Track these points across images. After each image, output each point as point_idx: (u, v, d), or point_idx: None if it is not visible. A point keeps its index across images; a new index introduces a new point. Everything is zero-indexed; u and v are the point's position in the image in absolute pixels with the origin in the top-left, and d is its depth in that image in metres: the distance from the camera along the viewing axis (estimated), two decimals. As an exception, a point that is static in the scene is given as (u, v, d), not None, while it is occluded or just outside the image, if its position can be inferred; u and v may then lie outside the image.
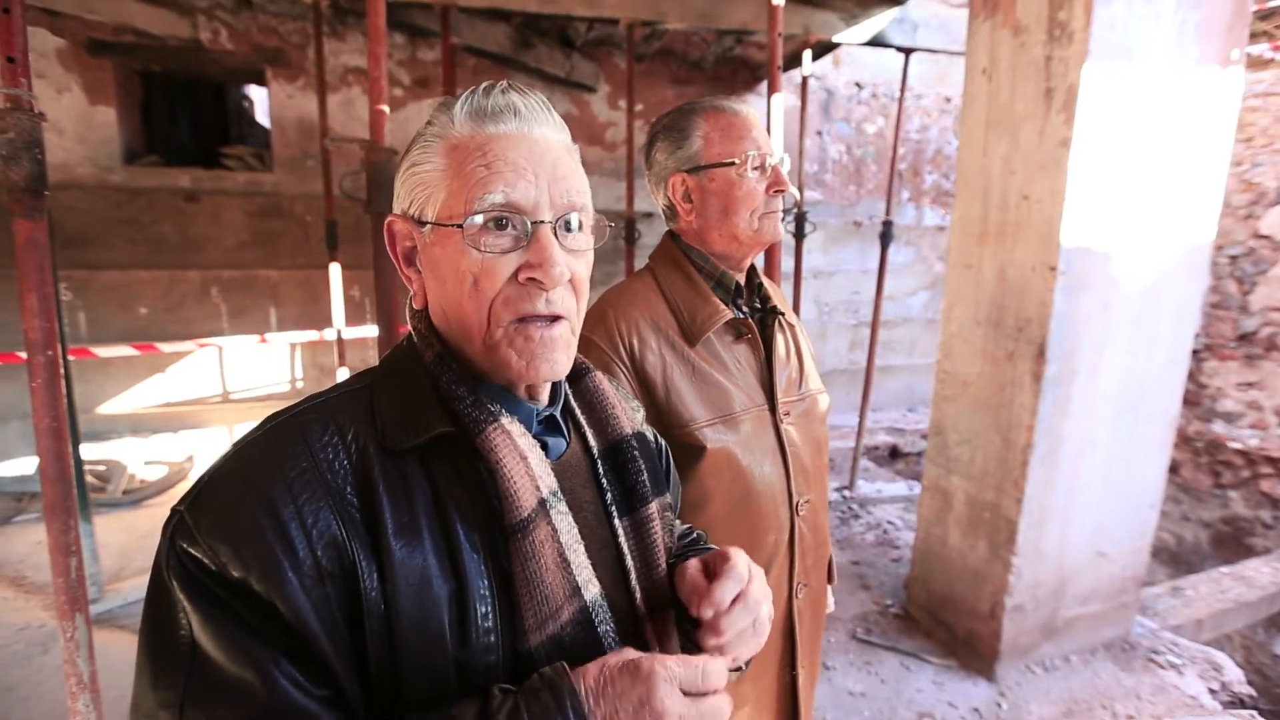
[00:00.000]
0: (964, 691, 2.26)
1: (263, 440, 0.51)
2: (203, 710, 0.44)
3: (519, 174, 0.52)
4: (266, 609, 0.45)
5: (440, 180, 0.53)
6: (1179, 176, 2.17)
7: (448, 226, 0.53)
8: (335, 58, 4.16)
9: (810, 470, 1.03)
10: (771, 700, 1.03)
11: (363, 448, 0.51)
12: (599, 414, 0.66)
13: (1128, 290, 2.19)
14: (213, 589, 0.45)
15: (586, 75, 4.68)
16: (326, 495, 0.48)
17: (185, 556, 0.46)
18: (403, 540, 0.49)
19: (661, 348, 0.95)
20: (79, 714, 1.36)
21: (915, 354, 6.07)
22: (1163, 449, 2.46)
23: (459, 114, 0.54)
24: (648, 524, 0.62)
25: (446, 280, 0.54)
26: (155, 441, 4.17)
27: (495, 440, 0.53)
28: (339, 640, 0.47)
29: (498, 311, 0.53)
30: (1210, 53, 2.12)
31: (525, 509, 0.52)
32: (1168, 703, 2.19)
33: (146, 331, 4.03)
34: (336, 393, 0.56)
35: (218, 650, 0.44)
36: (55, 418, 1.30)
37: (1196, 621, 2.95)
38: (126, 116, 4.07)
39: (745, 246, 1.00)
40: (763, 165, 0.97)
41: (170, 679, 0.45)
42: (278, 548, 0.45)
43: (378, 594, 0.47)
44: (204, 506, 0.47)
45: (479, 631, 0.50)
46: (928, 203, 5.96)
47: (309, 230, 4.27)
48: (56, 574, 1.32)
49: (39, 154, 1.23)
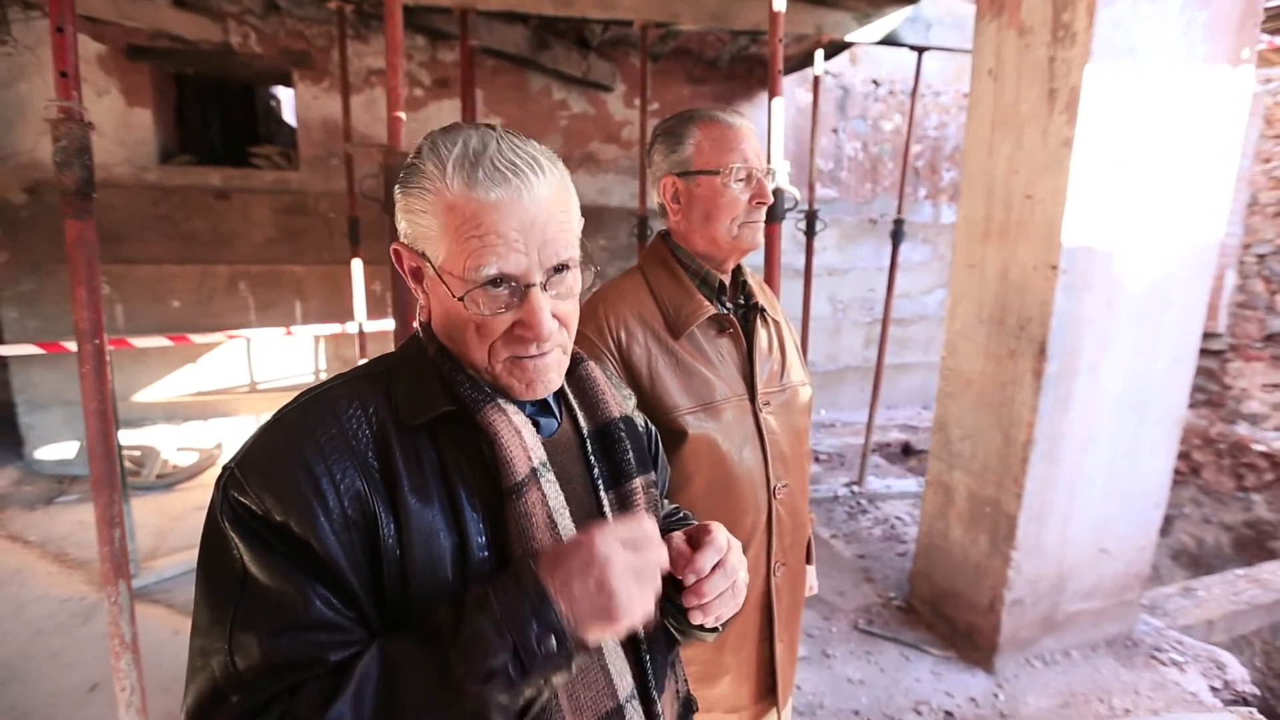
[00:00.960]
0: (962, 682, 2.30)
1: (299, 410, 0.60)
2: (251, 624, 0.53)
3: (510, 247, 0.57)
4: (303, 546, 0.54)
5: (439, 237, 0.59)
6: (1186, 176, 2.18)
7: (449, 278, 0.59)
8: (359, 60, 4.28)
9: (789, 457, 1.10)
10: (751, 670, 1.10)
11: (382, 421, 0.60)
12: (590, 399, 0.74)
13: (1131, 290, 2.20)
14: (259, 530, 0.54)
15: (603, 75, 4.74)
16: (352, 457, 0.57)
17: (236, 504, 0.55)
18: (416, 497, 0.58)
19: (648, 340, 1.03)
20: (122, 671, 1.49)
21: (931, 351, 6.04)
22: (1168, 448, 2.46)
23: (451, 173, 0.57)
24: (631, 497, 0.70)
25: (450, 316, 0.62)
26: (187, 429, 4.36)
27: (492, 416, 0.61)
28: (362, 577, 0.56)
29: (497, 350, 0.61)
30: (1219, 51, 2.12)
31: (520, 474, 0.60)
32: (1166, 699, 2.21)
33: (179, 323, 4.21)
34: (358, 374, 0.66)
35: (265, 576, 0.53)
36: (101, 401, 1.41)
37: (1207, 622, 2.94)
38: (162, 118, 4.24)
39: (724, 250, 1.07)
40: (748, 177, 1.03)
41: (225, 601, 0.54)
42: (312, 498, 0.54)
43: (394, 541, 0.56)
44: (251, 464, 0.56)
45: (476, 580, 0.58)
46: (945, 200, 5.92)
47: (333, 227, 4.41)
48: (102, 543, 1.44)
49: (88, 160, 1.34)
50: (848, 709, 2.18)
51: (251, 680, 0.51)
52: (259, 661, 0.51)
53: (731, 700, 1.09)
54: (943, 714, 2.16)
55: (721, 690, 1.08)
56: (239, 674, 0.51)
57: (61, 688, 2.20)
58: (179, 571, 2.97)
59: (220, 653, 0.52)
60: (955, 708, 2.19)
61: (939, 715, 2.16)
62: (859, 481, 4.11)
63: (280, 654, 0.52)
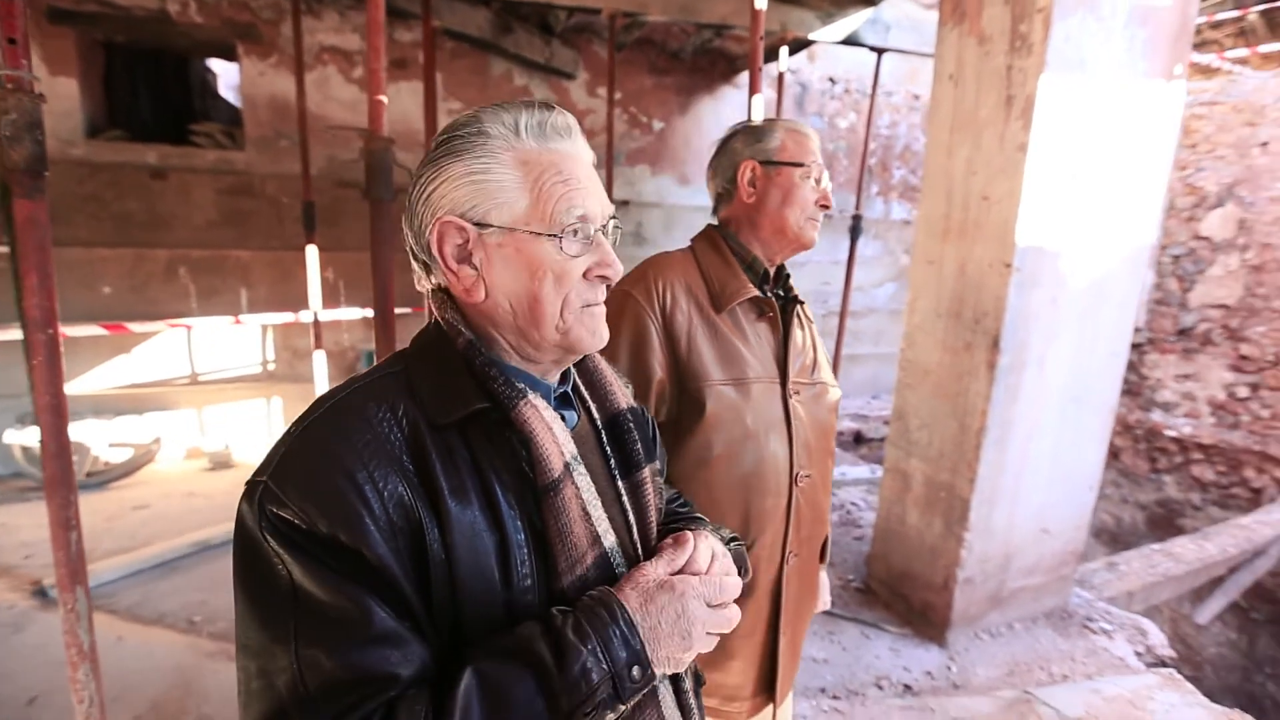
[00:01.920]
0: (918, 657, 2.44)
1: (327, 416, 0.58)
2: (316, 640, 0.51)
3: (587, 191, 0.62)
4: (355, 556, 0.52)
5: (517, 191, 0.61)
6: (1125, 182, 2.34)
7: (529, 233, 0.61)
8: (310, 35, 4.08)
9: (814, 449, 1.13)
10: (754, 663, 1.12)
11: (413, 421, 0.59)
12: (600, 390, 0.75)
13: (1074, 287, 2.36)
14: (304, 544, 0.52)
15: (565, 62, 4.69)
16: (390, 462, 0.56)
17: (276, 518, 0.53)
18: (455, 499, 0.57)
19: (690, 309, 1.07)
20: (79, 682, 1.40)
21: (880, 344, 6.29)
22: (1103, 435, 2.66)
23: (524, 129, 0.61)
24: (642, 486, 0.72)
25: (522, 278, 0.62)
26: (120, 423, 4.09)
27: (527, 414, 0.61)
28: (411, 583, 0.55)
29: (571, 300, 0.63)
30: (1156, 66, 2.28)
31: (555, 471, 0.61)
32: (1098, 664, 2.41)
33: (110, 310, 3.94)
34: (377, 374, 0.64)
35: (320, 591, 0.52)
36: (55, 395, 1.32)
37: (1128, 593, 3.21)
38: (89, 89, 3.94)
39: (787, 240, 1.12)
40: (819, 180, 1.12)
41: (279, 619, 0.52)
42: (358, 505, 0.53)
43: (439, 545, 0.56)
44: (286, 475, 0.54)
45: (519, 576, 0.59)
46: (895, 197, 6.15)
47: (282, 211, 4.21)
48: (57, 548, 1.35)
49: (39, 135, 1.24)
50: (814, 687, 2.27)
51: (322, 698, 0.50)
52: (330, 678, 0.50)
53: (731, 689, 1.11)
54: (902, 687, 2.29)
55: (728, 677, 1.10)
56: (309, 693, 0.50)
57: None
58: (118, 575, 2.80)
59: (286, 672, 0.51)
60: (913, 680, 2.31)
61: (899, 688, 2.28)
62: (816, 469, 4.25)
63: (353, 669, 0.51)
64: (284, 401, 4.46)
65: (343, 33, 4.22)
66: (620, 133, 4.96)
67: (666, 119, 5.18)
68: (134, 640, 2.37)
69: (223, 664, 2.27)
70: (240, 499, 0.56)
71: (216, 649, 2.35)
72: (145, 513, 3.46)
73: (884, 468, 2.86)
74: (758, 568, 1.08)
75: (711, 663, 1.07)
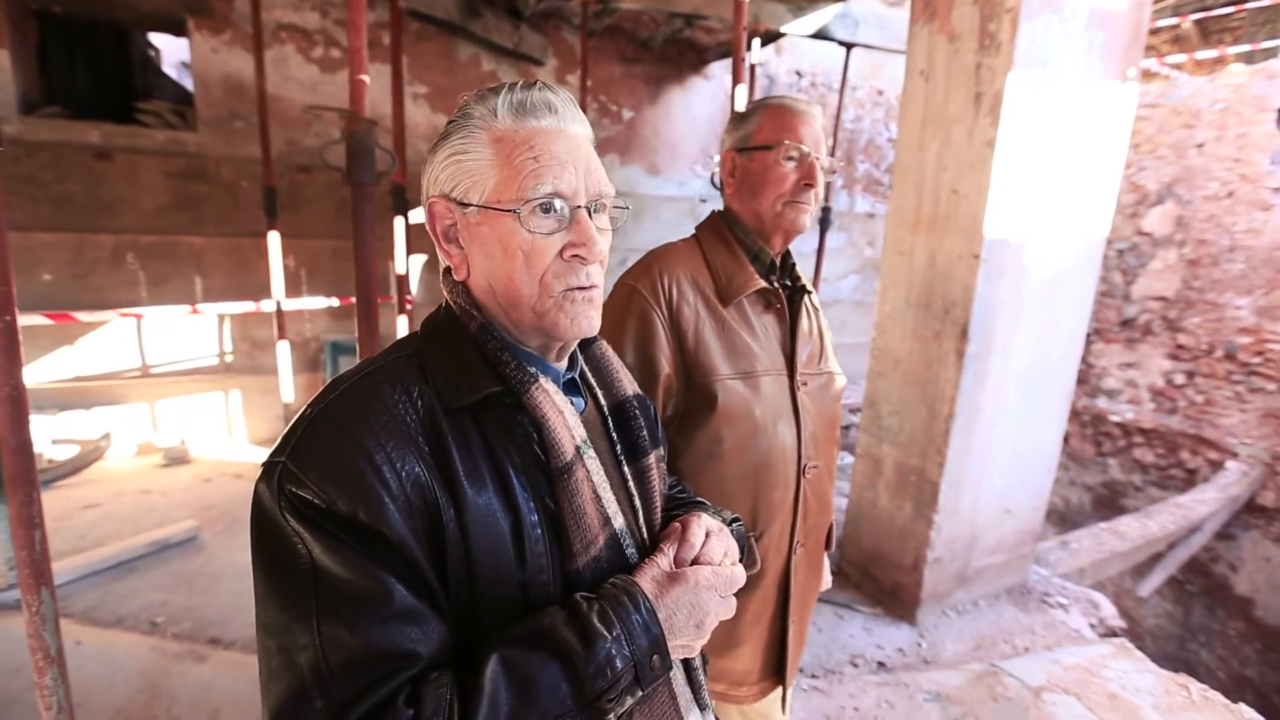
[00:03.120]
0: (889, 635, 2.53)
1: (344, 398, 0.58)
2: (337, 618, 0.51)
3: (563, 166, 0.61)
4: (375, 536, 0.52)
5: (489, 168, 0.61)
6: (1083, 178, 2.45)
7: (499, 210, 0.61)
8: (266, 12, 3.90)
9: (821, 440, 1.14)
10: (761, 650, 1.14)
11: (428, 404, 0.59)
12: (606, 377, 0.76)
13: (1036, 278, 2.46)
14: (325, 523, 0.52)
15: (534, 48, 4.61)
16: (408, 443, 0.56)
17: (295, 498, 0.53)
18: (471, 481, 0.57)
19: (697, 303, 1.05)
20: (46, 688, 1.33)
21: (844, 334, 6.43)
22: (1059, 420, 2.80)
23: (501, 107, 0.61)
24: (648, 471, 0.73)
25: (496, 255, 0.62)
26: (64, 419, 3.87)
27: (539, 398, 0.62)
28: (430, 562, 0.55)
29: (548, 283, 0.62)
30: (1111, 69, 2.39)
31: (567, 454, 0.62)
32: (1056, 636, 2.54)
33: (51, 299, 3.71)
34: (390, 358, 0.63)
35: (341, 569, 0.51)
36: (15, 386, 1.24)
37: (1080, 570, 3.39)
38: (22, 62, 3.68)
39: (768, 227, 1.09)
40: (800, 158, 1.06)
41: (300, 597, 0.51)
42: (377, 485, 0.53)
43: (455, 526, 0.56)
44: (305, 455, 0.54)
45: (533, 556, 0.59)
46: (859, 190, 6.28)
47: (238, 195, 4.03)
48: (19, 548, 1.28)
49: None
50: (792, 667, 2.33)
51: (345, 675, 0.50)
52: (352, 655, 0.50)
53: (739, 674, 1.13)
54: (875, 664, 2.37)
55: (736, 663, 1.11)
56: (330, 670, 0.50)
57: (-60, 713, 1.93)
58: (73, 578, 2.66)
59: (308, 649, 0.50)
60: (886, 658, 2.40)
61: (873, 666, 2.36)
62: (786, 457, 4.34)
63: (375, 646, 0.51)
64: (243, 394, 4.30)
65: (301, 10, 4.05)
66: (589, 121, 4.91)
67: (636, 108, 5.16)
68: (93, 644, 2.26)
69: (190, 666, 2.19)
70: (257, 480, 0.55)
71: (183, 650, 2.26)
72: (96, 512, 3.29)
73: (856, 454, 2.94)
74: (766, 557, 1.09)
75: (720, 649, 1.09)
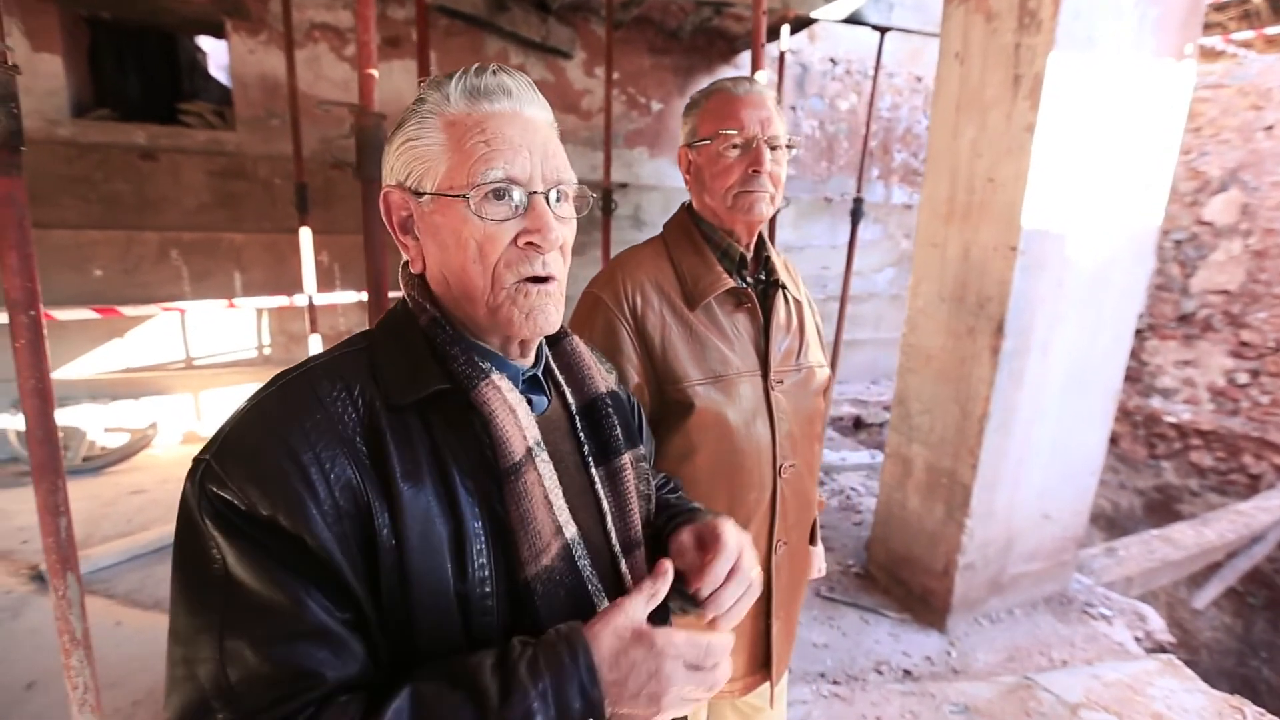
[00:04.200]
0: (917, 642, 2.44)
1: (278, 395, 0.56)
2: (242, 632, 0.48)
3: (516, 150, 0.57)
4: (295, 543, 0.50)
5: (440, 154, 0.58)
6: (1132, 163, 2.30)
7: (450, 197, 0.58)
8: (299, 12, 3.98)
9: (798, 437, 1.10)
10: (746, 645, 1.11)
11: (369, 402, 0.56)
12: (576, 374, 0.72)
13: (1079, 271, 2.33)
14: (244, 527, 0.50)
15: (562, 41, 4.60)
16: (340, 443, 0.53)
17: (216, 499, 0.50)
18: (409, 483, 0.54)
19: (663, 308, 1.02)
20: (73, 669, 1.38)
21: (880, 329, 6.26)
22: (1104, 421, 2.65)
23: (454, 92, 0.58)
24: (621, 473, 0.69)
25: (448, 246, 0.59)
26: (115, 408, 4.06)
27: (487, 394, 0.58)
28: (358, 571, 0.52)
29: (500, 274, 0.58)
30: (1166, 46, 2.23)
31: (516, 454, 0.58)
32: (1097, 649, 2.41)
33: (102, 294, 3.88)
34: (339, 352, 0.61)
35: (253, 579, 0.49)
36: (40, 378, 1.29)
37: (1127, 579, 3.22)
38: (74, 66, 3.85)
39: (726, 220, 1.05)
40: (745, 144, 1.00)
41: (208, 606, 0.49)
42: (301, 489, 0.50)
43: (389, 531, 0.53)
44: (230, 454, 0.52)
45: (475, 567, 0.55)
46: (896, 181, 6.09)
47: (275, 193, 4.14)
48: (46, 534, 1.32)
49: (14, 108, 1.19)
50: (814, 672, 2.27)
51: (244, 693, 0.48)
52: (253, 672, 0.48)
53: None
54: (902, 672, 2.29)
55: None
56: (231, 686, 0.48)
57: (-9, 687, 2.04)
58: (116, 560, 2.79)
59: (209, 662, 0.48)
60: (913, 666, 2.31)
61: (898, 674, 2.28)
62: (815, 455, 4.24)
63: (275, 664, 0.48)
64: (280, 387, 4.43)
65: (334, 9, 4.12)
66: (618, 114, 4.88)
67: (665, 100, 5.10)
68: (133, 625, 2.36)
69: (220, 650, 2.26)
70: (185, 478, 0.53)
71: (213, 635, 2.34)
72: (142, 498, 3.44)
73: (885, 453, 2.85)
74: None
75: None
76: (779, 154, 1.02)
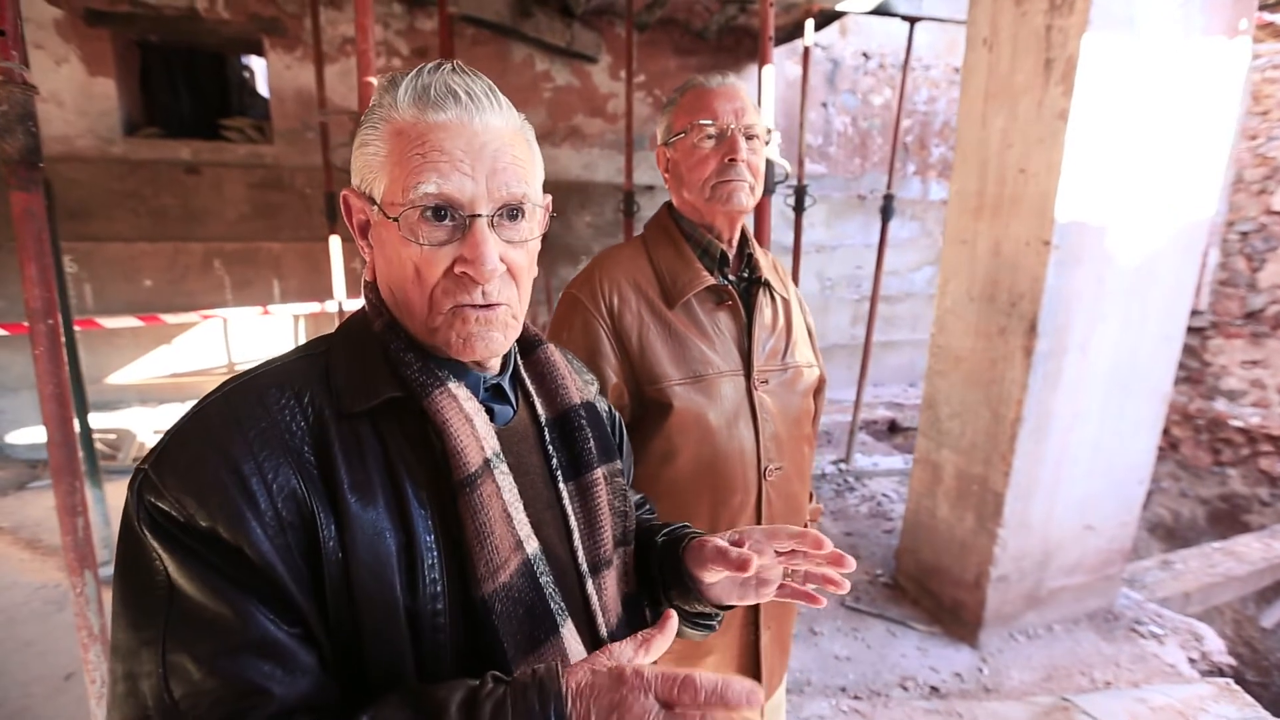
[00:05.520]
0: (947, 657, 2.32)
1: (222, 402, 0.54)
2: (184, 645, 0.47)
3: (454, 166, 0.53)
4: (235, 554, 0.48)
5: (384, 165, 0.55)
6: (1180, 151, 2.15)
7: (385, 216, 0.55)
8: (333, 28, 4.11)
9: (785, 439, 1.05)
10: (735, 654, 1.07)
11: (319, 410, 0.54)
12: (549, 385, 0.69)
13: (1122, 266, 2.18)
14: (182, 538, 0.48)
15: (588, 45, 4.61)
16: (285, 453, 0.51)
17: (154, 510, 0.49)
18: (357, 495, 0.52)
19: (640, 308, 1.00)
20: (91, 664, 1.44)
21: (918, 329, 6.05)
22: (1154, 425, 2.47)
23: (402, 97, 0.55)
24: (593, 488, 0.66)
25: (391, 261, 0.57)
26: (163, 411, 4.26)
27: (441, 403, 0.56)
28: (303, 584, 0.50)
29: (438, 299, 0.56)
30: (1217, 23, 2.07)
31: (471, 466, 0.55)
32: (1146, 671, 2.25)
33: (151, 303, 4.08)
34: (294, 357, 0.59)
35: (196, 591, 0.47)
36: (58, 384, 1.34)
37: (1184, 594, 3.00)
38: (126, 87, 4.06)
39: (706, 214, 1.03)
40: (719, 135, 0.98)
41: (150, 619, 0.48)
42: (240, 500, 0.48)
43: (335, 543, 0.51)
44: (168, 464, 0.50)
45: (425, 582, 0.53)
46: (934, 176, 5.88)
47: (309, 202, 4.28)
48: (65, 533, 1.38)
49: (32, 126, 1.25)
50: (835, 685, 2.19)
51: (188, 709, 0.46)
52: (197, 688, 0.46)
53: None
54: (928, 689, 2.18)
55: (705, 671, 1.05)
56: (174, 702, 0.46)
57: (35, 676, 2.15)
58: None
59: (151, 677, 0.47)
60: (941, 682, 2.21)
61: (925, 690, 2.17)
62: (846, 459, 4.12)
63: (221, 679, 0.46)
64: (316, 391, 4.57)
65: (366, 24, 4.24)
66: (644, 116, 4.87)
67: (692, 101, 5.05)
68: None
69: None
70: (127, 489, 0.52)
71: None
72: (184, 498, 3.59)
73: (914, 458, 2.73)
74: None
75: (686, 659, 1.02)
76: (755, 144, 1.00)
